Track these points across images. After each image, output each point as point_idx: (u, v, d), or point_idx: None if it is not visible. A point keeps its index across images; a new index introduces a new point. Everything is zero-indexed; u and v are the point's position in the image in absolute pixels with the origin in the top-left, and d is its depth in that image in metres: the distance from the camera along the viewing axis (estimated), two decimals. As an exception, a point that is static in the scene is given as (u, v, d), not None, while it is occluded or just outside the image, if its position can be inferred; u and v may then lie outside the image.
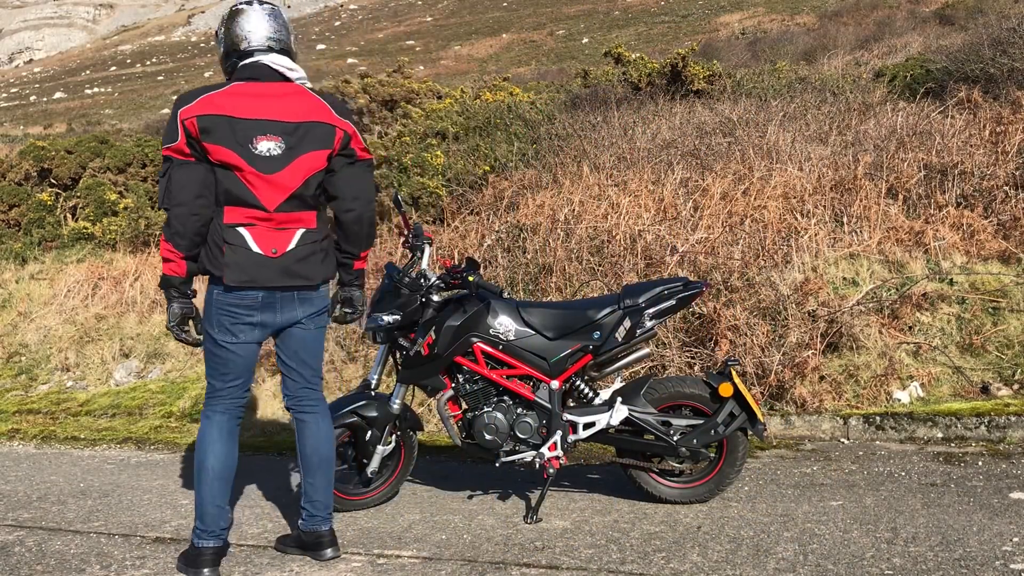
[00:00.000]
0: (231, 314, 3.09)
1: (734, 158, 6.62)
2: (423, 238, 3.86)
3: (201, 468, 3.16)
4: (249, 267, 3.02)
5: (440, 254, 6.19)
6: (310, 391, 3.32)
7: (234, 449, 3.21)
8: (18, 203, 9.76)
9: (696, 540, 3.28)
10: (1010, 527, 3.19)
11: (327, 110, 3.12)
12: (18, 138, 24.37)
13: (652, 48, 27.35)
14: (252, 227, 3.03)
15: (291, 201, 3.05)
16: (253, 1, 3.19)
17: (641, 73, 9.32)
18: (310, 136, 3.06)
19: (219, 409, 3.19)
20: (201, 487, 3.15)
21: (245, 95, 3.03)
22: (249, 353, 3.17)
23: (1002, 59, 7.67)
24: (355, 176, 3.15)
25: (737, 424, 3.59)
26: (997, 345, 4.75)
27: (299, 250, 3.09)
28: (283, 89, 3.09)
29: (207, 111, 2.96)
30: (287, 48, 3.18)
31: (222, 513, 3.18)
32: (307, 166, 3.06)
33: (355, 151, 3.16)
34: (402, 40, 54.12)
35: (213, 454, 3.15)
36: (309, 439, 3.31)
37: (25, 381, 6.88)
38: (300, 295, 3.14)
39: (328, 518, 3.32)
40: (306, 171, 3.06)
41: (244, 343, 3.13)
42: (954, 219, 5.53)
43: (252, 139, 2.99)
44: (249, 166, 2.98)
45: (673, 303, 3.67)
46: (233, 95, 3.02)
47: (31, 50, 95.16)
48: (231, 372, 3.16)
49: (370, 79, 11.18)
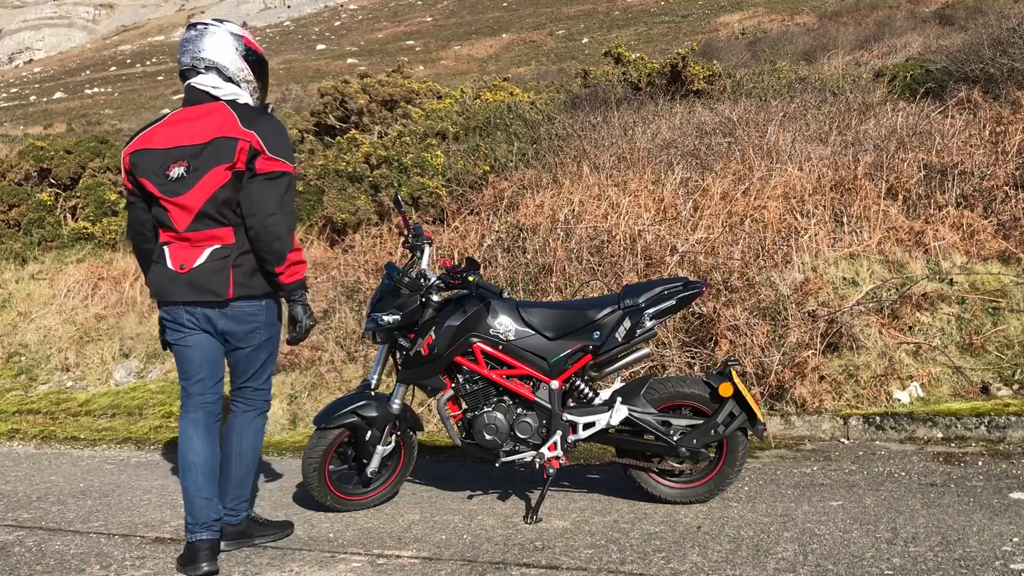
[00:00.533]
0: (169, 319, 3.28)
1: (734, 158, 6.62)
2: (423, 238, 3.87)
3: (184, 464, 3.26)
4: (163, 281, 3.22)
5: (440, 254, 6.19)
6: (239, 393, 3.44)
7: (213, 444, 3.30)
8: (18, 203, 9.75)
9: (696, 540, 3.28)
10: (1010, 527, 3.19)
11: (234, 123, 3.13)
12: (18, 138, 24.37)
13: (652, 48, 27.35)
14: (170, 245, 3.22)
15: (199, 220, 3.16)
16: (190, 24, 3.31)
17: (641, 73, 9.32)
18: (212, 153, 3.12)
19: (191, 407, 3.31)
20: (186, 482, 3.24)
21: (172, 123, 3.22)
22: (201, 350, 3.26)
23: (1002, 59, 7.67)
24: (253, 191, 3.14)
25: (737, 424, 3.59)
26: (997, 345, 4.75)
27: (207, 265, 3.17)
28: (204, 110, 3.20)
29: (138, 147, 3.22)
30: (216, 66, 3.24)
31: (210, 505, 3.24)
32: (210, 184, 3.13)
33: (255, 165, 3.14)
34: (402, 40, 54.12)
35: (192, 450, 3.25)
36: (226, 433, 3.43)
37: (25, 381, 6.88)
38: (223, 311, 3.21)
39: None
40: (209, 189, 3.13)
41: (189, 342, 3.25)
42: (954, 219, 5.53)
43: (166, 167, 3.16)
44: (162, 193, 3.16)
45: (673, 303, 3.67)
46: (167, 125, 3.23)
47: (31, 50, 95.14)
48: (190, 370, 3.29)
49: (370, 79, 11.17)
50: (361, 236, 7.21)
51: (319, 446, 3.76)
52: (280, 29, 75.80)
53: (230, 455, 3.38)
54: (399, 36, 56.93)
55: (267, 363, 3.42)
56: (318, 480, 3.77)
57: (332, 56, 50.91)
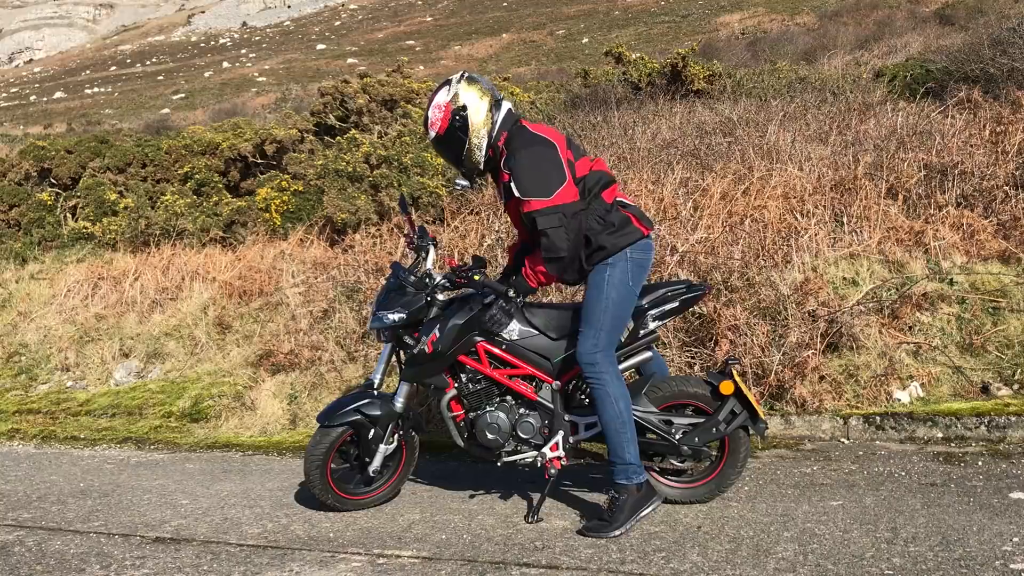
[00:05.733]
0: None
1: (734, 158, 6.61)
2: (428, 238, 3.87)
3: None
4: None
5: (440, 254, 6.19)
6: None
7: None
8: (18, 203, 9.75)
9: (696, 540, 3.28)
10: (1010, 527, 3.19)
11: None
12: (18, 138, 24.37)
13: (652, 48, 27.35)
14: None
15: None
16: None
17: (641, 73, 9.33)
18: None
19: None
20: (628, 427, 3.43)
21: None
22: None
23: (1002, 59, 7.68)
24: None
25: (738, 422, 3.59)
26: (997, 345, 4.75)
27: None
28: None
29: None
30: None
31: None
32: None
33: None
34: (402, 40, 54.14)
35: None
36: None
37: (25, 381, 6.87)
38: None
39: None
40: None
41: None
42: (954, 219, 5.53)
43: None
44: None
45: (676, 305, 3.68)
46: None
47: (31, 50, 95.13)
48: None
49: (370, 79, 11.16)
50: (361, 236, 7.20)
51: (322, 444, 3.76)
52: (280, 29, 75.79)
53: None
54: (399, 36, 56.95)
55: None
56: (320, 478, 3.77)
57: (332, 56, 50.95)
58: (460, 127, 3.44)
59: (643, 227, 3.55)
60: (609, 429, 3.44)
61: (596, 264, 3.47)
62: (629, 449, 3.43)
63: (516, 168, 3.38)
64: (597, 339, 3.43)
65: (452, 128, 3.45)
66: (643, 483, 3.45)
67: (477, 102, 3.45)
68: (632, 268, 3.48)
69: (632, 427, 3.45)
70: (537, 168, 3.37)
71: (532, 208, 3.34)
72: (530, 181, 3.35)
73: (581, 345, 3.46)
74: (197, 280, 7.34)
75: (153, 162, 10.03)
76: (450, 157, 3.60)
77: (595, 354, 3.43)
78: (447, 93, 3.46)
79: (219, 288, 7.13)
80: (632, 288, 3.49)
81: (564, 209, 3.33)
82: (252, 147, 9.54)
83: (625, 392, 3.47)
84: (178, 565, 3.36)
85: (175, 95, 45.62)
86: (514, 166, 3.39)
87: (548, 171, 3.35)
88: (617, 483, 3.43)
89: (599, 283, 3.46)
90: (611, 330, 3.46)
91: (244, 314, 6.78)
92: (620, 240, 3.46)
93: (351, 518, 3.79)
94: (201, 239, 8.25)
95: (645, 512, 3.43)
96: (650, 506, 3.45)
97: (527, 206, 3.35)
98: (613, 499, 3.44)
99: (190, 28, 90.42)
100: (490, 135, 3.47)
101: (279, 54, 58.28)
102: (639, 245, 3.51)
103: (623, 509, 3.39)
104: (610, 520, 3.39)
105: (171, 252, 7.97)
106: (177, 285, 7.38)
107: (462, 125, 3.44)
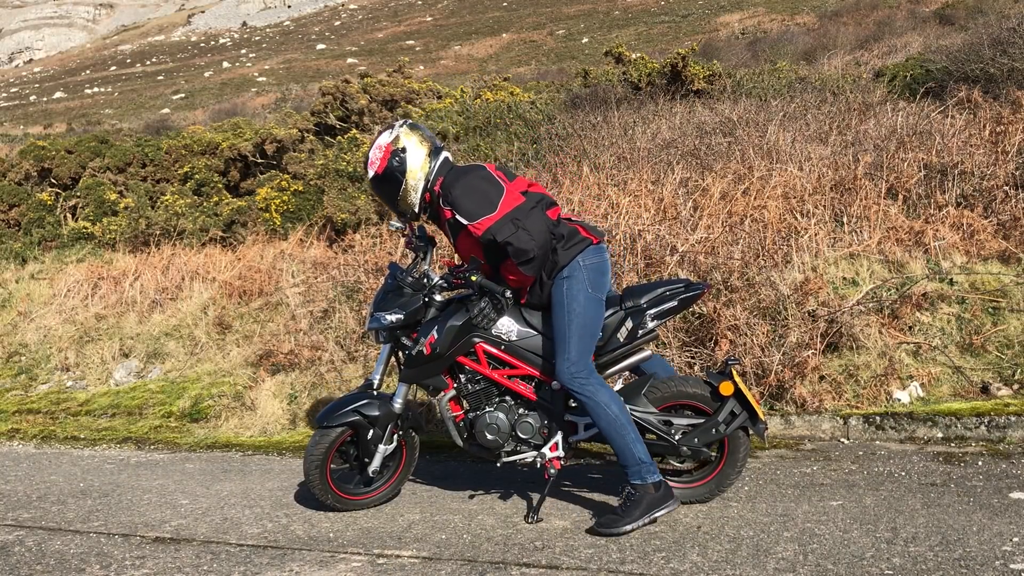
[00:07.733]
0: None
1: (734, 158, 6.61)
2: (427, 239, 3.87)
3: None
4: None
5: (439, 254, 6.19)
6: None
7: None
8: (18, 203, 9.76)
9: (696, 540, 3.28)
10: (1010, 527, 3.19)
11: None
12: (18, 138, 24.38)
13: (652, 48, 27.36)
14: None
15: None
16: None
17: (641, 73, 9.33)
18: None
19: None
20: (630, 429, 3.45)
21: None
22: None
23: (1002, 59, 7.68)
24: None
25: (738, 423, 3.58)
26: (997, 345, 4.75)
27: None
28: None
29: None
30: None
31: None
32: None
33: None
34: (402, 40, 54.15)
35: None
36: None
37: (25, 381, 6.88)
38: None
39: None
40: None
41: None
42: (954, 219, 5.53)
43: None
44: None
45: (675, 304, 3.68)
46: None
47: (31, 50, 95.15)
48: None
49: (370, 79, 11.17)
50: (361, 236, 7.21)
51: (321, 444, 3.76)
52: (280, 29, 75.78)
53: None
54: (399, 36, 56.96)
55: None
56: (320, 479, 3.77)
57: (332, 56, 50.98)
58: (398, 168, 3.59)
59: (591, 236, 3.63)
60: (610, 434, 3.45)
61: (554, 279, 3.55)
62: (636, 448, 3.43)
63: (455, 198, 3.50)
64: (569, 355, 3.48)
65: (390, 168, 3.60)
66: (659, 482, 3.45)
67: (416, 147, 3.61)
68: (589, 275, 3.54)
69: (633, 427, 3.45)
70: (475, 190, 3.49)
71: (484, 227, 3.43)
72: (472, 203, 3.46)
73: (557, 366, 3.52)
74: (197, 280, 7.35)
75: (153, 162, 10.05)
76: (386, 197, 3.72)
77: (571, 369, 3.47)
78: (389, 135, 3.64)
79: (219, 288, 7.14)
80: (594, 295, 3.53)
81: (514, 214, 3.42)
82: (252, 147, 9.55)
83: (614, 395, 3.49)
84: (178, 565, 3.36)
85: (175, 95, 45.63)
86: (453, 198, 3.51)
87: (485, 189, 3.48)
88: (632, 483, 3.45)
89: (559, 299, 3.53)
90: (581, 341, 3.50)
91: (244, 314, 6.78)
92: (571, 251, 3.55)
93: (351, 518, 3.79)
94: (201, 239, 8.26)
95: (660, 513, 3.42)
96: (666, 508, 3.44)
97: (478, 228, 3.44)
98: (628, 495, 3.44)
99: (190, 28, 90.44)
100: (427, 179, 3.62)
101: (279, 54, 58.30)
102: (589, 251, 3.59)
103: (638, 505, 3.40)
104: (623, 515, 3.40)
105: (171, 252, 7.98)
106: (177, 285, 7.39)
107: (399, 166, 3.58)
